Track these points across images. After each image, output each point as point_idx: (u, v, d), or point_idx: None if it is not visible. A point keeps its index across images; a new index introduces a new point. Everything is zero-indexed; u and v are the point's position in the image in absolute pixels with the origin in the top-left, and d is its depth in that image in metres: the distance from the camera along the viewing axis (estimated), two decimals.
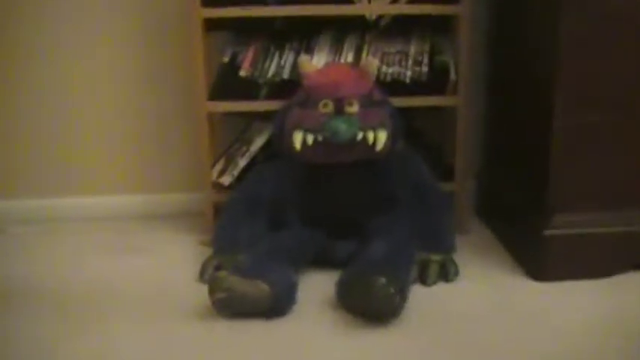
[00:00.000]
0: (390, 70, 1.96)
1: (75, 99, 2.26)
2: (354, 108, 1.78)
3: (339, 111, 1.77)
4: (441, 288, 1.78)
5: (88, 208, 2.33)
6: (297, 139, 1.78)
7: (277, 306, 1.62)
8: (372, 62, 1.84)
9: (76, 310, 1.71)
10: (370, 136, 1.77)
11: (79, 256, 2.03)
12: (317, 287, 1.76)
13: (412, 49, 1.99)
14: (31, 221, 2.28)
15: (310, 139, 1.77)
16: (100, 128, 2.29)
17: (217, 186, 2.06)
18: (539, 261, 1.80)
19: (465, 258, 1.90)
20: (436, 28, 2.07)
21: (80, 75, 2.24)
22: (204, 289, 1.64)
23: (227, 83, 1.99)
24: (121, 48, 2.23)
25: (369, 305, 1.57)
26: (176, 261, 1.97)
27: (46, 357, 1.51)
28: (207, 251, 1.91)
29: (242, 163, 2.04)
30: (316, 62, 1.95)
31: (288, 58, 1.98)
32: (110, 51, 2.23)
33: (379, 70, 1.93)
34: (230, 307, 1.61)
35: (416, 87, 1.96)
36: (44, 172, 2.31)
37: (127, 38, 2.22)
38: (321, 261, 1.85)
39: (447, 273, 1.80)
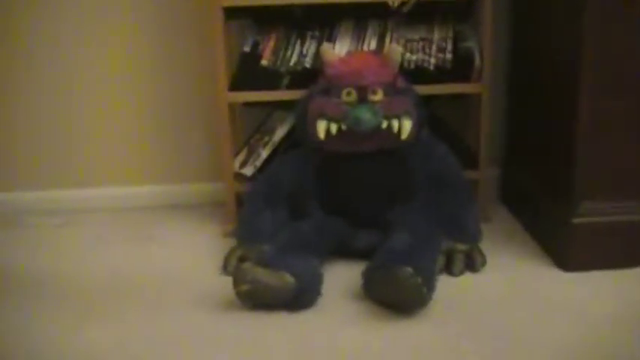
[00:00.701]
0: (414, 58, 1.94)
1: (96, 89, 2.25)
2: (378, 96, 1.76)
3: (362, 99, 1.75)
4: (467, 278, 1.77)
5: (108, 199, 2.33)
6: (321, 128, 1.76)
7: (302, 298, 1.62)
8: (395, 49, 1.82)
9: (96, 300, 1.71)
10: (395, 124, 1.76)
11: (100, 247, 2.03)
12: (340, 278, 1.75)
13: (435, 36, 1.97)
14: (52, 212, 2.28)
15: (334, 128, 1.76)
16: (121, 118, 2.28)
17: (239, 176, 2.05)
18: (566, 250, 1.78)
19: (491, 247, 1.88)
20: (459, 15, 2.05)
21: (102, 65, 2.23)
22: (227, 280, 1.64)
23: (248, 73, 1.98)
24: (142, 38, 2.22)
25: (397, 296, 1.56)
26: (199, 252, 1.97)
27: (62, 347, 1.51)
28: (231, 242, 1.90)
29: (264, 153, 2.03)
30: (338, 50, 1.93)
31: (310, 46, 1.96)
32: (131, 41, 2.22)
33: (403, 57, 1.91)
34: (255, 298, 1.60)
35: (440, 74, 1.94)
36: (65, 163, 2.31)
37: (147, 28, 2.21)
38: (342, 251, 1.84)
39: (473, 263, 1.79)
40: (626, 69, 1.68)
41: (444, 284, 1.69)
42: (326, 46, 1.86)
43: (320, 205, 1.87)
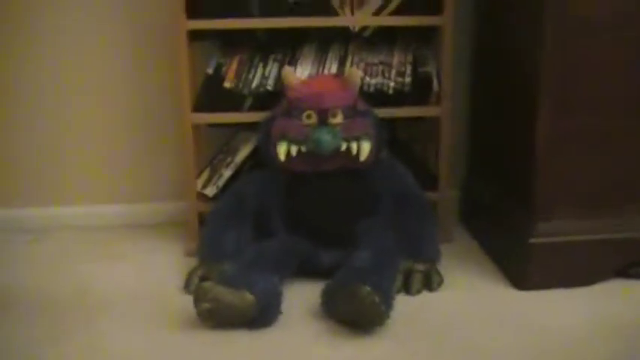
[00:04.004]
0: (374, 81, 1.97)
1: (59, 109, 2.26)
2: (338, 119, 1.79)
3: (322, 122, 1.78)
4: (424, 297, 1.79)
5: (72, 218, 2.32)
6: (282, 149, 1.79)
7: (262, 316, 1.63)
8: (355, 73, 1.85)
9: (59, 319, 1.71)
10: (354, 146, 1.79)
11: (63, 265, 2.02)
12: (302, 296, 1.76)
13: (395, 60, 2.00)
14: (15, 230, 2.28)
15: (294, 149, 1.78)
16: (84, 138, 2.29)
17: (202, 196, 2.06)
18: (523, 269, 1.81)
19: (449, 267, 1.91)
20: (419, 39, 2.08)
21: (64, 86, 2.24)
22: (189, 299, 1.65)
23: (211, 94, 2.00)
24: (106, 59, 2.23)
25: (355, 314, 1.58)
26: (161, 271, 1.97)
27: None
28: (193, 261, 1.91)
29: (227, 173, 2.04)
30: (300, 73, 1.96)
31: (272, 69, 1.98)
32: (95, 62, 2.23)
33: (362, 80, 1.94)
34: (215, 317, 1.61)
35: (399, 98, 1.97)
36: (28, 182, 2.31)
37: (111, 50, 2.22)
38: (305, 270, 1.85)
39: (430, 282, 1.81)
40: (581, 92, 1.72)
41: (402, 302, 1.71)
42: (288, 69, 1.89)
43: (283, 223, 1.88)
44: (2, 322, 1.68)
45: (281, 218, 1.89)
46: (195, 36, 1.99)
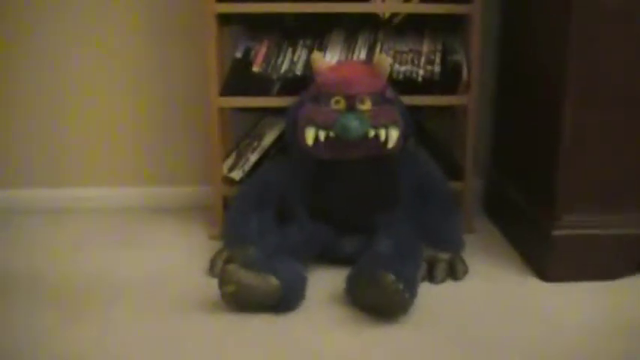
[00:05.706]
0: (403, 69, 1.97)
1: (86, 90, 2.27)
2: (367, 105, 1.78)
3: (350, 108, 1.78)
4: (449, 286, 1.79)
5: (97, 200, 2.34)
6: (309, 134, 1.78)
7: (286, 300, 1.64)
8: (384, 59, 1.84)
9: (80, 301, 1.72)
10: (382, 133, 1.78)
11: (86, 247, 2.04)
12: (325, 282, 1.77)
13: (424, 48, 2.00)
14: (31, 212, 2.29)
15: (322, 135, 1.77)
16: (111, 120, 2.30)
17: (227, 180, 2.07)
18: (547, 261, 1.80)
19: (473, 257, 1.91)
20: (448, 28, 2.08)
21: (91, 66, 2.25)
22: (213, 282, 1.66)
23: (239, 79, 2.00)
24: (134, 41, 2.24)
25: (379, 301, 1.58)
26: (185, 254, 1.98)
27: (46, 346, 1.52)
28: (217, 245, 1.92)
29: (253, 158, 2.04)
30: (329, 59, 1.96)
31: (301, 54, 1.98)
32: (122, 44, 2.24)
33: (392, 68, 1.93)
34: (239, 300, 1.62)
35: (428, 86, 1.97)
36: (53, 162, 2.33)
37: (139, 32, 2.23)
38: (328, 256, 1.86)
39: (455, 272, 1.81)
40: (607, 85, 1.71)
41: (426, 291, 1.72)
42: (317, 54, 1.88)
43: (306, 211, 1.89)
44: (15, 307, 1.69)
45: (304, 205, 1.89)
46: (223, 20, 1.99)
